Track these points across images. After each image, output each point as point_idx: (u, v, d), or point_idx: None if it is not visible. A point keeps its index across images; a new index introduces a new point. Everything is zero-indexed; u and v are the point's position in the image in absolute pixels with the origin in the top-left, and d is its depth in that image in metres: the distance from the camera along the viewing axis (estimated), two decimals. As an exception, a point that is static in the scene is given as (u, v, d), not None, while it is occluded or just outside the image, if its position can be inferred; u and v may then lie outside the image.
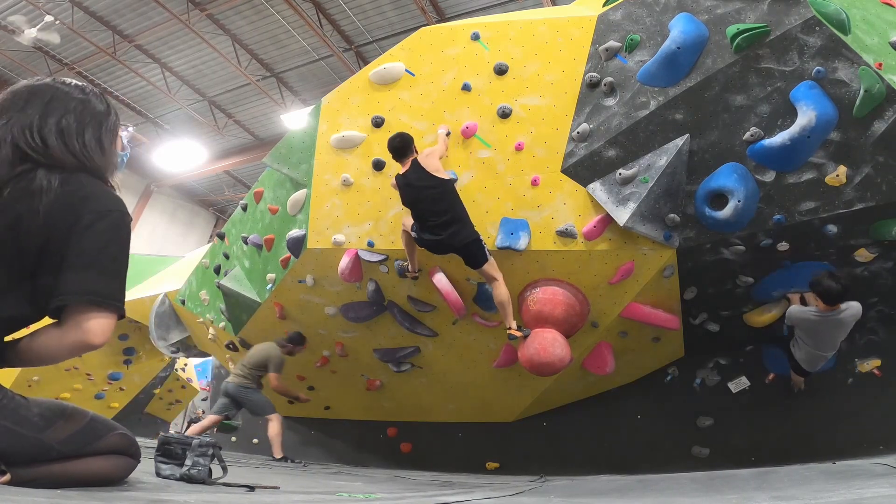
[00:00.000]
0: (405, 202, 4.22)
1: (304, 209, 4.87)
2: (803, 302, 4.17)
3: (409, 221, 4.26)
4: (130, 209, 18.73)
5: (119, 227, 1.51)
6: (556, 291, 4.36)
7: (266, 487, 2.53)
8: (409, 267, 4.50)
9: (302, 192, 4.90)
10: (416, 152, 4.24)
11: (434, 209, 4.04)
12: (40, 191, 1.43)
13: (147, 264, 9.62)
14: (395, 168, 4.35)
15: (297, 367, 6.39)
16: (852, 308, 3.84)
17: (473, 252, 4.11)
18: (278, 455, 5.66)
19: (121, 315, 1.49)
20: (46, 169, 1.47)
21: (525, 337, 4.26)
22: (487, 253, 4.13)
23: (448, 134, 4.40)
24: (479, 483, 4.42)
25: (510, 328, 4.19)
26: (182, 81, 15.08)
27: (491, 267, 4.15)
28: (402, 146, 4.21)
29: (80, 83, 1.66)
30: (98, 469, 1.65)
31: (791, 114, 3.61)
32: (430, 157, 4.10)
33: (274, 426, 5.70)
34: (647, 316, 4.49)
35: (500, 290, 4.17)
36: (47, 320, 1.50)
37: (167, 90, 15.11)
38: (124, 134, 1.80)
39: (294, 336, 5.69)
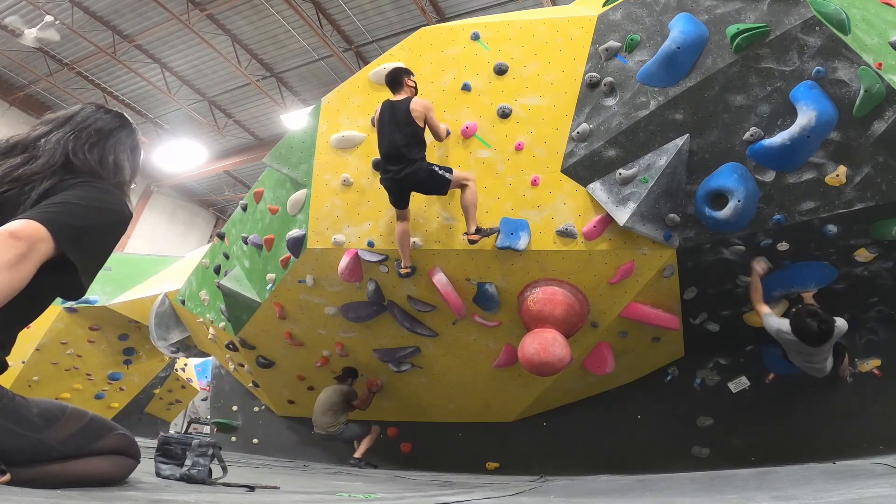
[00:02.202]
0: (378, 133, 4.22)
1: (304, 209, 4.87)
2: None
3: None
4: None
5: (111, 210, 1.55)
6: (556, 291, 4.36)
7: (266, 487, 2.54)
8: (402, 262, 4.42)
9: (302, 192, 4.90)
10: (413, 91, 4.29)
11: (392, 142, 4.05)
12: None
13: (147, 264, 9.63)
14: None
15: (298, 367, 6.39)
16: (836, 328, 3.77)
17: (430, 184, 4.08)
18: (357, 455, 6.02)
19: (56, 241, 1.35)
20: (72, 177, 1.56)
21: (489, 235, 4.14)
22: (447, 174, 4.04)
23: (447, 134, 4.40)
24: (479, 483, 4.42)
25: (468, 232, 4.09)
26: (182, 81, 15.08)
27: (458, 179, 4.08)
28: (393, 79, 4.28)
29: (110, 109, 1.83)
30: (98, 469, 1.66)
31: (791, 114, 3.61)
32: (423, 105, 4.11)
33: (372, 437, 6.16)
34: (647, 316, 4.49)
35: (467, 194, 4.09)
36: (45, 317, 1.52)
37: (167, 90, 15.11)
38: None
39: (348, 370, 6.05)
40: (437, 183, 4.07)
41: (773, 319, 3.97)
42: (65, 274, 1.43)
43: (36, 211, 1.40)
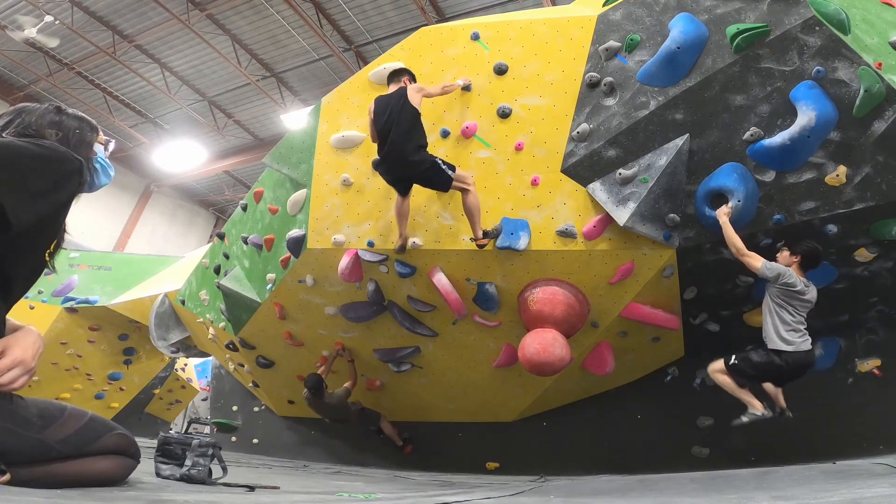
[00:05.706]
0: (376, 125, 4.18)
1: (304, 209, 4.87)
2: None
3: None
4: (130, 209, 18.81)
5: (44, 146, 1.54)
6: (556, 291, 4.36)
7: (266, 487, 2.54)
8: (399, 233, 4.34)
9: (302, 192, 4.90)
10: (410, 82, 4.31)
11: (393, 131, 4.03)
12: None
13: (147, 264, 9.63)
14: None
15: (298, 367, 6.39)
16: (814, 289, 3.78)
17: (429, 177, 4.07)
18: (400, 443, 6.35)
19: None
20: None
21: (496, 237, 4.14)
22: (450, 171, 4.02)
23: (446, 91, 4.34)
24: (479, 483, 4.42)
25: (476, 238, 4.08)
26: (182, 81, 15.07)
27: (459, 181, 4.06)
28: (397, 72, 4.34)
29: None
30: (98, 469, 1.66)
31: (791, 114, 3.61)
32: (417, 92, 4.13)
33: (386, 422, 6.33)
34: (647, 316, 4.49)
35: (469, 199, 4.08)
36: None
37: (167, 90, 15.10)
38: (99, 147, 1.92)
39: (311, 380, 5.88)
40: (440, 178, 4.04)
41: (773, 264, 3.71)
42: None
43: None
